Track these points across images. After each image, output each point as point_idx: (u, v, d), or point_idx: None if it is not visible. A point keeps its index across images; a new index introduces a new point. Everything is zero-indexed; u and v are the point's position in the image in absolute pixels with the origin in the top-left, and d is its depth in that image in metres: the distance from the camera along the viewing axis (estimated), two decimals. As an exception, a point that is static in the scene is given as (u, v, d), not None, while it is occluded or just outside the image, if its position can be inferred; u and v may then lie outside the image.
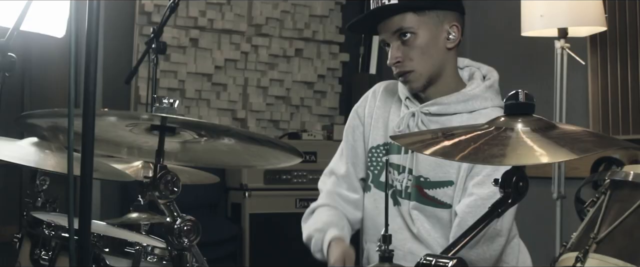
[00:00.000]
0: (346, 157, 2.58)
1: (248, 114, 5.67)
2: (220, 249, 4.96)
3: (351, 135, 2.58)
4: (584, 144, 1.53)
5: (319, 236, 2.45)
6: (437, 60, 2.38)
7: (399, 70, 2.38)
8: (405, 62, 2.36)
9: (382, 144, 2.48)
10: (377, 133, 2.49)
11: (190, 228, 1.67)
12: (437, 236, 2.36)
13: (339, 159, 2.61)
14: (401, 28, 2.35)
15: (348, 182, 2.56)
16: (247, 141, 1.81)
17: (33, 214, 2.22)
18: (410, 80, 2.38)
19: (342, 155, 2.60)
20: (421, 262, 1.37)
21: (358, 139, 2.55)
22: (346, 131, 2.60)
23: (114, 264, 1.97)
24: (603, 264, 1.80)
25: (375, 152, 2.49)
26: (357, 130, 2.56)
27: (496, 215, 1.50)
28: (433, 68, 2.38)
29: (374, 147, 2.49)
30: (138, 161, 2.92)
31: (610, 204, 1.90)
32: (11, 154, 2.30)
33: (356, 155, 2.55)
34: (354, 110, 2.60)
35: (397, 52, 2.36)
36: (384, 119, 2.50)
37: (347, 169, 2.56)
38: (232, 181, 5.27)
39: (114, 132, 1.79)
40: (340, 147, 2.63)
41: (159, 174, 1.67)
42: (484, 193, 2.24)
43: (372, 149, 2.50)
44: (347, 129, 2.60)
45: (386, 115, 2.49)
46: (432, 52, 2.36)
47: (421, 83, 2.38)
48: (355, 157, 2.55)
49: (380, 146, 2.48)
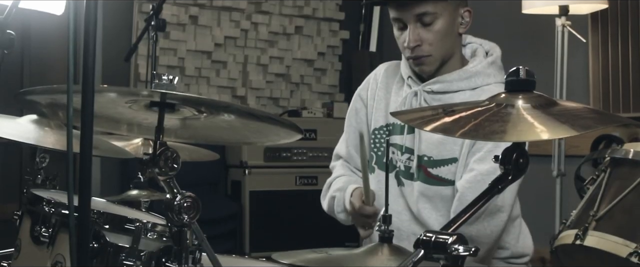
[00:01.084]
0: (347, 141, 2.61)
1: (248, 91, 5.66)
2: (220, 227, 4.97)
3: (354, 118, 2.59)
4: (585, 121, 1.53)
5: (340, 194, 2.48)
6: (451, 44, 2.38)
7: (416, 54, 2.37)
8: (423, 46, 2.35)
9: (384, 125, 2.48)
10: (379, 115, 2.50)
11: (190, 205, 1.67)
12: (438, 217, 2.36)
13: (343, 142, 2.65)
14: (425, 12, 2.33)
15: (353, 163, 2.62)
16: (247, 117, 1.81)
17: (33, 191, 2.21)
18: (425, 63, 2.38)
19: (345, 138, 2.63)
20: (421, 239, 1.36)
21: (361, 122, 2.56)
22: (349, 114, 2.62)
23: (114, 240, 1.97)
24: (602, 241, 1.80)
25: (378, 134, 2.49)
26: (360, 112, 2.57)
27: (496, 191, 1.49)
28: (447, 52, 2.38)
29: (377, 129, 2.50)
30: (138, 138, 2.92)
31: (610, 182, 1.91)
32: (11, 132, 2.29)
33: (358, 138, 2.55)
34: (356, 94, 2.61)
35: (417, 36, 2.35)
36: (386, 100, 2.50)
37: (348, 152, 2.60)
38: (232, 159, 5.27)
39: (114, 109, 1.79)
40: (344, 129, 2.64)
41: (159, 151, 1.67)
42: (484, 169, 2.25)
43: (374, 131, 2.50)
44: (350, 112, 2.61)
45: (388, 97, 2.50)
46: (449, 37, 2.36)
47: (435, 66, 2.38)
48: (358, 140, 2.56)
49: (383, 127, 2.49)
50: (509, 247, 2.43)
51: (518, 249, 2.45)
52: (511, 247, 2.43)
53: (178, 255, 1.71)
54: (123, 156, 2.60)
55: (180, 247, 1.70)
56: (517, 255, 2.45)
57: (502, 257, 2.43)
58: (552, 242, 1.97)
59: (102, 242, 1.97)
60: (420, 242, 1.37)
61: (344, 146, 2.63)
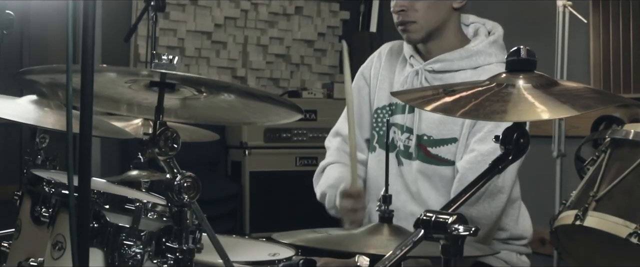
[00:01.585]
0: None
1: (248, 72, 5.65)
2: (221, 207, 4.98)
3: (357, 96, 2.58)
4: (586, 101, 1.52)
5: (332, 192, 2.47)
6: (441, 17, 2.37)
7: (402, 19, 2.37)
8: (409, 12, 2.35)
9: (387, 104, 2.48)
10: (382, 94, 2.49)
11: (190, 185, 1.67)
12: (437, 197, 2.36)
13: (344, 120, 2.62)
14: None
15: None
16: (247, 97, 1.80)
17: (33, 171, 2.21)
18: (410, 30, 2.37)
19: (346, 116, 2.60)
20: (421, 218, 1.37)
21: (364, 100, 2.56)
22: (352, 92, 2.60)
23: (114, 221, 1.97)
24: (602, 222, 1.80)
25: (381, 113, 2.49)
26: (362, 91, 2.57)
27: (497, 172, 1.49)
28: (435, 24, 2.36)
29: (379, 108, 2.49)
30: (138, 119, 2.92)
31: (610, 163, 1.90)
32: (10, 112, 2.29)
33: (361, 116, 2.56)
34: (359, 72, 2.60)
35: (404, 0, 2.35)
36: (389, 79, 2.50)
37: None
38: (232, 139, 5.27)
39: (113, 89, 1.78)
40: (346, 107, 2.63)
41: (159, 131, 1.67)
42: (485, 149, 2.24)
43: (377, 110, 2.50)
44: (353, 90, 2.60)
45: (391, 76, 2.50)
46: (438, 8, 2.35)
47: (420, 36, 2.38)
48: (360, 118, 2.56)
49: (385, 107, 2.48)
50: (508, 228, 2.43)
51: (517, 231, 2.45)
52: (510, 229, 2.43)
53: (178, 235, 1.71)
54: (123, 136, 2.60)
55: (181, 227, 1.70)
56: (516, 237, 2.46)
57: (501, 238, 2.43)
58: (552, 223, 1.97)
59: (102, 222, 1.97)
60: (420, 222, 1.37)
61: (345, 124, 2.61)
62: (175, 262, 1.72)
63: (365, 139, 2.58)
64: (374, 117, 2.52)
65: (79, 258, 1.35)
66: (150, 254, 1.95)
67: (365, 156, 2.57)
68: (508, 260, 2.43)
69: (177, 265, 1.71)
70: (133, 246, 1.95)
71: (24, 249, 2.11)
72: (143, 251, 1.95)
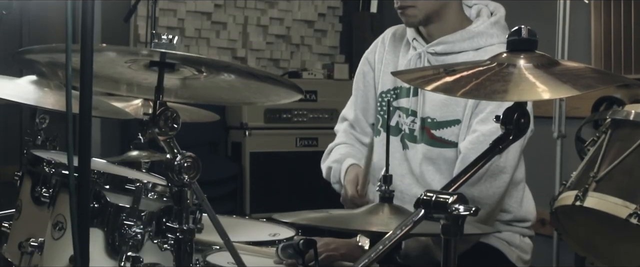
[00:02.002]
0: (355, 104, 2.61)
1: (248, 52, 5.64)
2: (221, 188, 4.99)
3: (362, 81, 2.60)
4: (587, 80, 1.52)
5: (336, 166, 2.52)
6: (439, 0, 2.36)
7: (400, 3, 2.37)
8: None
9: (392, 88, 2.48)
10: (386, 78, 2.50)
11: (190, 165, 1.67)
12: (441, 179, 2.36)
13: (350, 105, 2.66)
14: None
15: (359, 127, 2.62)
16: (247, 77, 1.80)
17: (33, 152, 2.21)
18: (408, 14, 2.37)
19: (353, 102, 2.64)
20: (422, 198, 1.36)
21: (369, 85, 2.57)
22: (357, 78, 2.62)
23: (115, 201, 1.97)
24: (602, 203, 1.80)
25: (385, 97, 2.49)
26: (367, 76, 2.58)
27: (497, 151, 1.49)
28: (433, 7, 2.36)
29: (384, 92, 2.50)
30: (138, 99, 2.91)
31: (610, 143, 1.90)
32: (10, 92, 2.29)
33: (366, 101, 2.58)
34: (364, 57, 2.62)
35: None
36: (393, 63, 2.50)
37: (355, 115, 2.61)
38: (233, 120, 5.27)
39: (113, 69, 1.78)
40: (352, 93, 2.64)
41: (159, 111, 1.66)
42: (487, 129, 2.24)
43: (382, 94, 2.51)
44: (358, 76, 2.62)
45: (395, 60, 2.50)
46: None
47: (418, 19, 2.37)
48: (365, 103, 2.58)
49: (390, 91, 2.49)
50: (512, 210, 2.43)
51: (521, 213, 2.45)
52: (514, 211, 2.43)
53: (178, 215, 1.71)
54: (123, 116, 2.60)
55: (181, 207, 1.70)
56: (519, 219, 2.46)
57: (504, 220, 2.43)
58: (552, 204, 1.97)
59: (103, 203, 1.97)
60: (421, 202, 1.37)
61: (351, 110, 2.64)
62: (175, 242, 1.72)
63: (370, 124, 2.59)
64: (379, 101, 2.52)
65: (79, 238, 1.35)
66: (150, 234, 1.96)
67: (370, 140, 2.58)
68: (511, 241, 2.43)
69: (178, 245, 1.72)
70: (133, 226, 1.95)
71: (25, 230, 2.12)
72: (143, 231, 1.96)
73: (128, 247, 1.94)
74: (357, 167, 2.44)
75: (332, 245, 2.11)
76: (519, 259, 2.44)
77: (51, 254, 2.01)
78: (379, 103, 2.52)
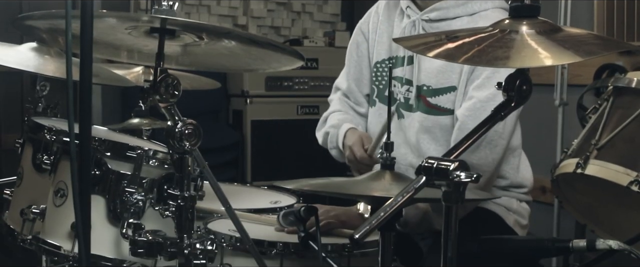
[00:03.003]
0: (348, 74, 2.61)
1: (249, 20, 5.61)
2: (222, 156, 4.99)
3: (355, 52, 2.58)
4: (589, 47, 1.51)
5: (333, 131, 2.51)
6: None
7: None
8: None
9: (386, 58, 2.47)
10: (381, 48, 2.49)
11: (191, 132, 1.67)
12: (437, 147, 2.36)
13: (343, 76, 2.65)
14: None
15: (353, 97, 2.61)
16: (248, 44, 1.79)
17: (34, 119, 2.21)
18: None
19: (346, 72, 2.63)
20: (423, 165, 1.36)
21: (362, 56, 2.56)
22: (350, 48, 2.61)
23: (116, 168, 1.98)
24: (603, 170, 1.81)
25: (380, 67, 2.49)
26: (361, 46, 2.56)
27: (499, 118, 1.49)
28: None
29: (379, 62, 2.49)
30: (138, 67, 2.91)
31: (612, 111, 1.90)
32: (11, 59, 2.28)
33: (360, 71, 2.57)
34: (357, 27, 2.60)
35: None
36: (387, 32, 2.49)
37: (348, 85, 2.60)
38: (234, 88, 5.26)
39: (113, 35, 1.77)
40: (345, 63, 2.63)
41: (159, 78, 1.66)
42: (483, 96, 2.24)
43: (376, 64, 2.50)
44: (351, 45, 2.61)
45: (390, 29, 2.49)
46: None
47: None
48: (358, 73, 2.57)
49: (384, 61, 2.48)
50: (509, 177, 2.44)
51: (517, 179, 2.46)
52: (510, 177, 2.44)
53: (180, 182, 1.71)
54: (124, 84, 2.60)
55: (182, 174, 1.71)
56: (516, 185, 2.46)
57: (501, 186, 2.44)
58: (553, 171, 1.97)
59: (104, 170, 1.98)
60: (422, 169, 1.37)
61: (344, 80, 2.63)
62: (177, 209, 1.72)
63: (365, 95, 2.58)
64: (374, 72, 2.51)
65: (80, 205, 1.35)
66: (152, 201, 1.97)
67: (364, 110, 2.58)
68: (508, 206, 2.44)
69: (179, 212, 1.72)
70: (135, 193, 1.96)
71: (26, 197, 2.13)
72: (145, 197, 1.96)
73: (129, 214, 1.95)
74: (356, 130, 2.43)
75: (332, 212, 2.12)
76: (517, 224, 2.45)
77: (53, 221, 2.02)
78: (374, 73, 2.51)
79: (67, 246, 1.99)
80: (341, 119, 2.54)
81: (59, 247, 2.00)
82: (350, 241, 1.41)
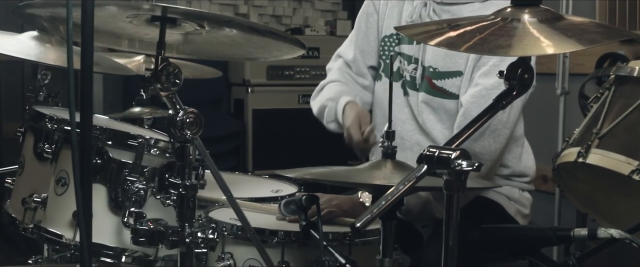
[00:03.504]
0: (355, 43, 2.57)
1: (250, 9, 5.60)
2: (224, 145, 5.00)
3: (364, 22, 2.56)
4: (591, 35, 1.50)
5: (332, 104, 2.47)
6: None
7: None
8: None
9: (395, 33, 2.45)
10: (390, 22, 2.47)
11: (192, 120, 1.67)
12: (442, 129, 2.36)
13: (348, 45, 2.61)
14: None
15: (356, 67, 2.58)
16: (249, 32, 1.79)
17: (35, 108, 2.21)
18: None
19: (352, 41, 2.59)
20: (425, 154, 1.36)
21: (371, 27, 2.54)
22: (359, 18, 2.58)
23: (117, 157, 1.98)
24: (605, 159, 1.81)
25: (388, 41, 2.47)
26: (371, 17, 2.54)
27: (501, 107, 1.49)
28: None
29: (387, 36, 2.48)
30: (140, 56, 2.91)
31: (614, 100, 1.90)
32: (12, 48, 2.28)
33: (368, 43, 2.54)
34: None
35: None
36: (398, 8, 2.47)
37: (354, 55, 2.57)
38: (235, 77, 5.26)
39: (114, 24, 1.77)
40: (352, 33, 2.61)
41: (161, 66, 1.66)
42: (489, 83, 2.23)
43: (385, 38, 2.48)
44: (361, 16, 2.58)
45: (400, 5, 2.47)
46: None
47: None
48: (366, 45, 2.54)
49: (393, 36, 2.46)
50: (511, 166, 2.43)
51: (520, 168, 2.46)
52: (513, 166, 2.44)
53: (181, 171, 1.71)
54: (125, 72, 2.60)
55: (183, 163, 1.71)
56: (519, 174, 2.46)
57: (503, 175, 2.44)
58: (555, 160, 1.97)
59: (105, 159, 1.98)
60: (424, 157, 1.37)
61: (350, 49, 2.59)
62: (178, 197, 1.72)
63: (370, 66, 2.56)
64: (381, 45, 2.50)
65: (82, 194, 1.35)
66: (153, 189, 1.97)
67: (368, 82, 2.56)
68: (510, 195, 2.44)
69: (180, 200, 1.72)
70: (136, 181, 1.96)
71: (28, 185, 2.13)
72: (146, 186, 1.97)
73: (131, 203, 1.95)
74: (354, 106, 2.39)
75: (334, 201, 2.12)
76: (518, 213, 2.44)
77: (54, 209, 2.03)
78: (382, 47, 2.50)
79: (69, 235, 1.99)
80: (339, 91, 2.50)
81: (61, 236, 2.01)
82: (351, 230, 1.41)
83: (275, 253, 1.91)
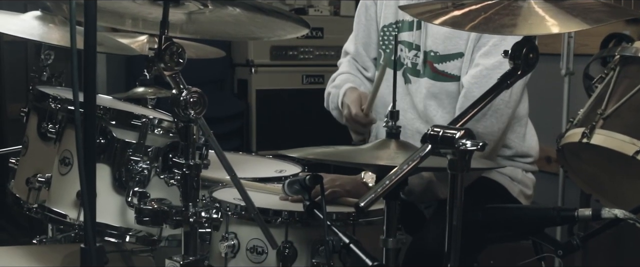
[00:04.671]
0: (356, 38, 2.60)
1: (254, -12, 5.58)
2: (227, 125, 5.00)
3: (364, 15, 2.57)
4: (597, 14, 1.50)
5: (335, 91, 2.50)
6: None
7: None
8: None
9: (393, 22, 2.46)
10: (389, 11, 2.47)
11: (196, 100, 1.66)
12: (444, 114, 2.36)
13: (351, 39, 2.64)
14: None
15: (360, 60, 2.60)
16: (253, 11, 1.79)
17: (39, 88, 2.21)
18: None
19: (354, 35, 2.62)
20: (429, 133, 1.36)
21: (370, 19, 2.55)
22: (359, 11, 2.60)
23: (121, 136, 1.98)
24: (609, 140, 1.80)
25: (387, 31, 2.47)
26: (369, 9, 2.55)
27: (505, 87, 1.48)
28: None
29: (386, 26, 2.48)
30: (143, 36, 2.90)
31: (618, 80, 1.89)
32: (15, 28, 2.28)
33: (368, 35, 2.56)
34: None
35: None
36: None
37: (356, 49, 2.59)
38: (238, 57, 5.25)
39: (118, 3, 1.77)
40: (353, 28, 2.62)
41: (164, 46, 1.66)
42: (490, 63, 2.23)
43: (384, 28, 2.49)
44: (360, 8, 2.59)
45: None
46: None
47: None
48: (366, 37, 2.56)
49: (392, 24, 2.46)
50: (514, 146, 2.43)
51: (523, 149, 2.45)
52: (516, 146, 2.43)
53: (185, 150, 1.71)
54: (128, 52, 2.59)
55: (187, 143, 1.71)
56: (522, 154, 2.45)
57: (506, 155, 2.43)
58: (559, 141, 1.97)
59: (109, 138, 1.98)
60: (428, 137, 1.37)
61: (352, 44, 2.63)
62: (182, 177, 1.72)
63: (372, 58, 2.58)
64: (381, 35, 2.50)
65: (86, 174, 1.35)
66: (157, 169, 1.97)
67: (371, 74, 2.57)
68: (513, 176, 2.43)
69: (184, 180, 1.72)
70: (140, 161, 1.96)
71: (32, 165, 2.13)
72: (150, 166, 1.97)
73: (135, 183, 1.95)
74: (356, 89, 2.41)
75: (337, 181, 2.12)
76: (521, 194, 2.44)
77: (58, 189, 2.03)
78: (381, 37, 2.50)
79: (73, 215, 2.00)
80: (344, 79, 2.54)
81: (65, 215, 2.01)
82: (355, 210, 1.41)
83: (279, 233, 1.91)
